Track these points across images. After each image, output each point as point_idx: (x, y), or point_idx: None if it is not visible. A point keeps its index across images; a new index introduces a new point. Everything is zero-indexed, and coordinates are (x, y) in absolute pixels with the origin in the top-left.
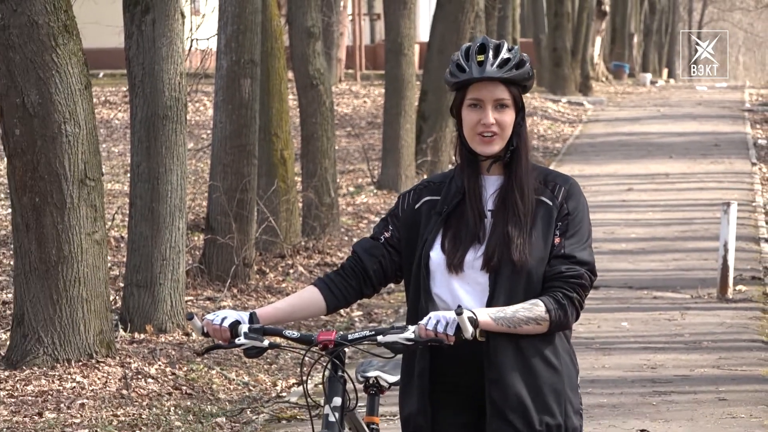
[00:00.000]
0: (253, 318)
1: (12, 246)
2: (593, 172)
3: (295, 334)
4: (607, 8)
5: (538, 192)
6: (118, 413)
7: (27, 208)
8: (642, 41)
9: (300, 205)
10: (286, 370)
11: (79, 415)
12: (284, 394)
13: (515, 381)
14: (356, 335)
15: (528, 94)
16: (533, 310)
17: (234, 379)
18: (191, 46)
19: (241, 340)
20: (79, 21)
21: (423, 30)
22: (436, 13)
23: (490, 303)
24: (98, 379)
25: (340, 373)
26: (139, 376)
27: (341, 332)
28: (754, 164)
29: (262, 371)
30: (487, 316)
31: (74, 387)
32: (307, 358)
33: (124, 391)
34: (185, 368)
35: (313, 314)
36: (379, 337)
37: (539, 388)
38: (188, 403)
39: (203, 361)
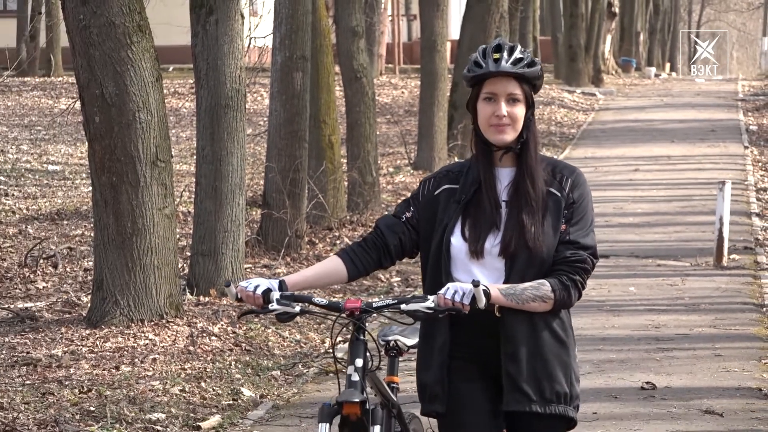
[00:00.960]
0: (282, 285)
1: (92, 220)
2: (604, 154)
3: (324, 301)
4: (617, 9)
5: (547, 183)
6: (186, 367)
7: (105, 186)
8: (647, 39)
9: (345, 183)
10: None
11: (151, 369)
12: (331, 350)
13: (529, 354)
14: (380, 303)
15: (546, 86)
16: (540, 289)
17: (287, 337)
18: (250, 44)
19: (273, 306)
20: (150, 21)
21: (454, 29)
22: (466, 14)
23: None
24: (168, 337)
25: (362, 337)
26: (204, 335)
27: (366, 300)
28: (746, 147)
29: (312, 330)
30: (498, 291)
31: (147, 344)
32: (331, 322)
33: (191, 348)
34: (244, 327)
35: (335, 282)
36: (402, 306)
37: (549, 360)
38: (247, 358)
39: (260, 321)
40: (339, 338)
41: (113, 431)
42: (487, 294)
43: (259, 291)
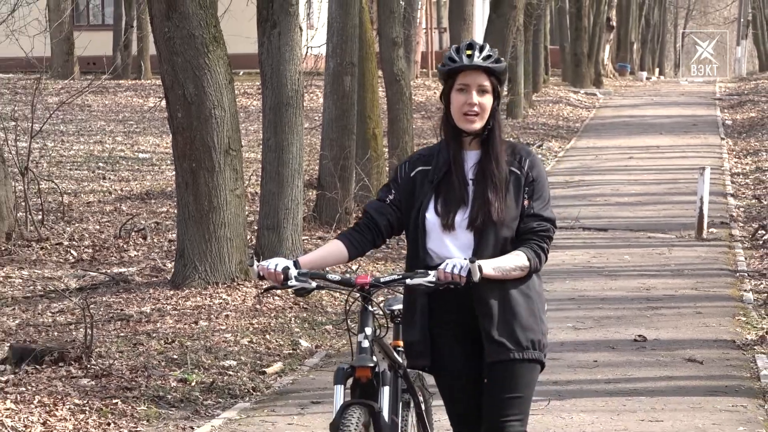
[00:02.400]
0: (296, 264)
1: (176, 199)
2: (603, 144)
3: (337, 277)
4: (614, 23)
5: (508, 163)
6: (253, 322)
7: (186, 171)
8: (640, 48)
9: (387, 169)
10: None
11: (224, 323)
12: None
13: (500, 311)
14: (387, 278)
15: (555, 87)
16: (518, 260)
17: (338, 297)
18: (307, 52)
19: (292, 282)
20: (224, 33)
21: (478, 39)
22: (488, 27)
23: (475, 255)
24: (238, 297)
25: (372, 309)
26: (268, 295)
27: (374, 275)
28: (722, 139)
29: None
30: (489, 266)
31: (220, 303)
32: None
33: (257, 306)
34: (322, 280)
35: (339, 262)
36: (407, 280)
37: (519, 313)
38: (304, 315)
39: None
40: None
41: (193, 375)
42: (480, 269)
43: (279, 269)
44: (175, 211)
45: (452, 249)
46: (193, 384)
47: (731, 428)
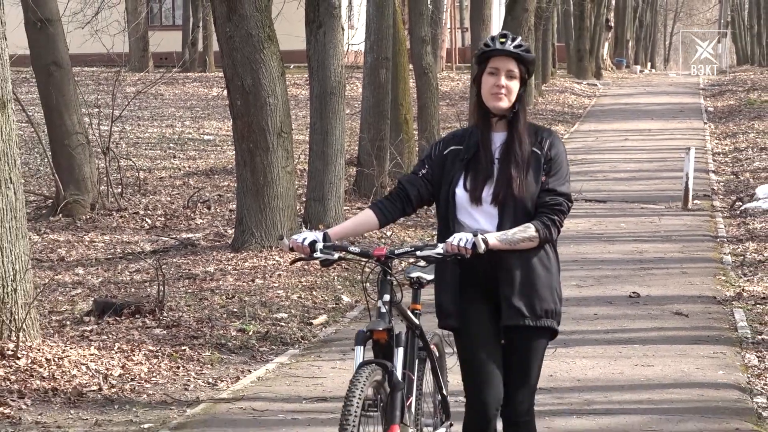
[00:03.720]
0: (326, 237)
1: (235, 175)
2: (603, 128)
3: (357, 249)
4: (612, 24)
5: (530, 144)
6: (301, 280)
7: (245, 151)
8: (634, 45)
9: (416, 149)
10: None
11: (277, 282)
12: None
13: (521, 280)
14: (401, 250)
15: (561, 78)
16: (526, 231)
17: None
18: (348, 48)
19: (317, 254)
20: (277, 32)
21: None
22: (503, 28)
23: (499, 227)
24: (289, 259)
25: (389, 277)
26: (298, 264)
27: (390, 248)
28: (705, 123)
29: None
30: (494, 238)
31: (273, 264)
32: (367, 268)
33: (305, 266)
34: (344, 252)
35: (370, 230)
36: (418, 252)
37: (537, 284)
38: (345, 274)
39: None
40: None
41: (250, 326)
42: (485, 241)
43: (306, 242)
44: (235, 185)
45: (479, 221)
46: (250, 333)
47: (712, 372)
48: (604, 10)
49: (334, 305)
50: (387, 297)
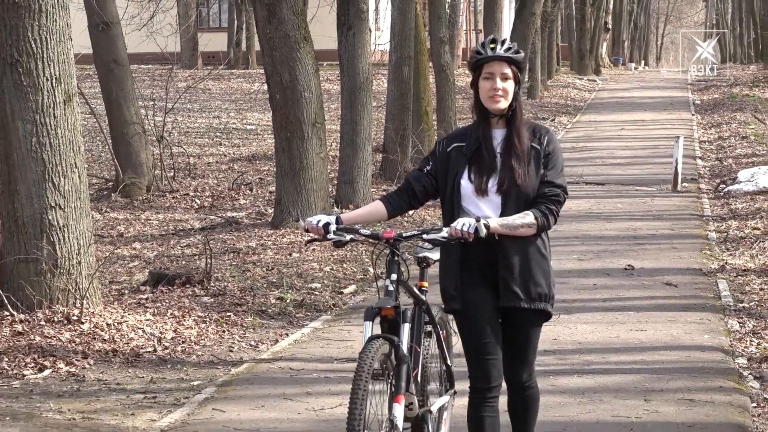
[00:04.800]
0: (338, 220)
1: (274, 161)
2: (602, 119)
3: (367, 232)
4: (610, 26)
5: (529, 140)
6: (333, 254)
7: (283, 139)
8: (629, 45)
9: (435, 138)
10: None
11: (311, 255)
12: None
13: (518, 265)
14: (408, 233)
15: (565, 75)
16: (526, 218)
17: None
18: (375, 48)
19: (331, 235)
20: (312, 34)
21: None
22: (513, 30)
23: (502, 215)
24: (305, 239)
25: (396, 258)
26: (312, 245)
27: (398, 231)
28: (693, 114)
29: None
30: (495, 222)
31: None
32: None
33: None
34: (370, 228)
35: (378, 219)
36: (424, 235)
37: (534, 269)
38: (371, 248)
39: (384, 222)
40: (376, 260)
41: (287, 294)
42: (486, 226)
43: (320, 224)
44: (274, 170)
45: (484, 209)
46: (287, 301)
47: (699, 336)
48: (602, 13)
49: (362, 276)
50: (394, 276)
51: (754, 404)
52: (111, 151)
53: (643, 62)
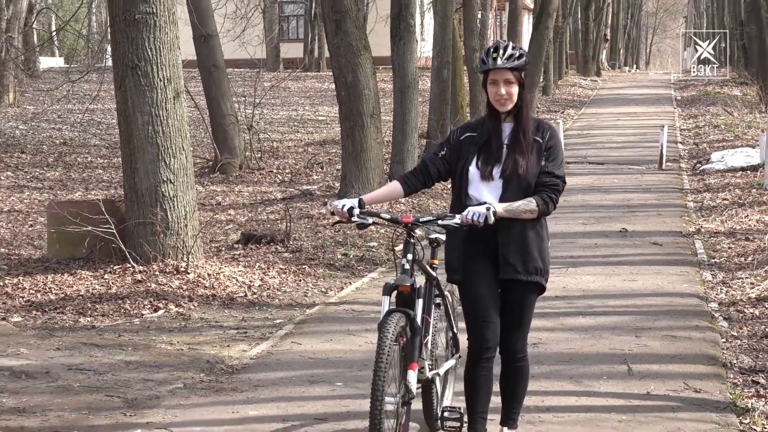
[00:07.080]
0: (361, 203)
1: (341, 145)
2: (602, 111)
3: (388, 216)
4: (608, 37)
5: (533, 134)
6: None
7: (347, 128)
8: (624, 52)
9: None
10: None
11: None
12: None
13: (517, 242)
14: (425, 219)
15: (572, 76)
16: (529, 204)
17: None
18: (420, 55)
19: (354, 219)
20: (370, 43)
21: (525, 48)
22: (531, 41)
23: (501, 198)
24: (330, 222)
25: (412, 240)
26: (396, 203)
27: (415, 216)
28: (674, 108)
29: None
30: (501, 208)
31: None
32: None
33: (390, 209)
34: (376, 218)
35: (396, 197)
36: (439, 221)
37: (531, 246)
38: (418, 215)
39: (419, 194)
40: (395, 241)
41: (350, 251)
42: (494, 213)
43: (345, 208)
44: (340, 152)
45: (486, 195)
46: (350, 256)
47: (679, 284)
48: (602, 27)
49: None
50: (410, 256)
51: (723, 340)
52: (211, 137)
53: (635, 66)
